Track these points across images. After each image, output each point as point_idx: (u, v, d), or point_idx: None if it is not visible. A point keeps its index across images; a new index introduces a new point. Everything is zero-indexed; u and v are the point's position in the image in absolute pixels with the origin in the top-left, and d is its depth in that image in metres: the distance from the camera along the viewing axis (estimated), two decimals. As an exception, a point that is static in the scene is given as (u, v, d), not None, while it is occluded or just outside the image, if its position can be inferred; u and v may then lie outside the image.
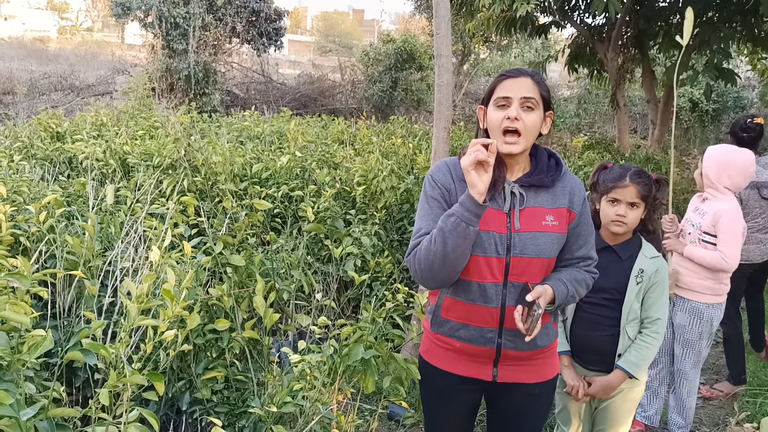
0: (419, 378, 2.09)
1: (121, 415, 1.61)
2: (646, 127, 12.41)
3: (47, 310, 2.53)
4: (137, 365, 1.70)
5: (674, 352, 3.37)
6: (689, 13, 2.92)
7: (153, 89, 10.35)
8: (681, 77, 7.86)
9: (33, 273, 1.94)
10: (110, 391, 1.54)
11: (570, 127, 15.81)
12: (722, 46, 7.19)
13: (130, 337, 1.71)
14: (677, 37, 3.07)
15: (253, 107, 8.60)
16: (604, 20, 8.68)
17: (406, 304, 2.65)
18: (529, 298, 1.77)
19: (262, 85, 15.09)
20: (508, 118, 1.79)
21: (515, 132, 1.80)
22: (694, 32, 7.80)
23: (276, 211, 4.45)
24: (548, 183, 1.88)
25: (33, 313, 1.66)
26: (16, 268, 2.08)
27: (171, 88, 11.55)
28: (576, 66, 9.75)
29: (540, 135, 1.90)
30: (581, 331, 2.50)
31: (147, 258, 2.70)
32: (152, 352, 1.77)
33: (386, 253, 4.22)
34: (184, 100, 10.75)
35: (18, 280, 1.61)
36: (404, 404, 2.50)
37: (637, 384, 2.50)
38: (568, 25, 9.18)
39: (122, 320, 1.76)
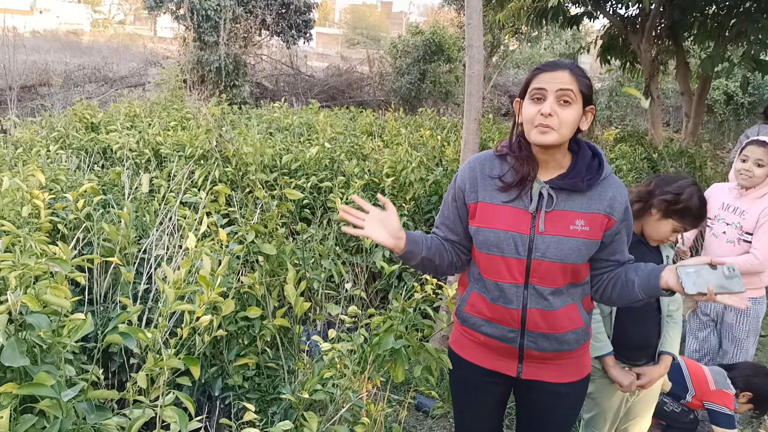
0: (451, 367, 2.09)
1: (156, 399, 1.64)
2: (679, 120, 12.19)
3: (84, 297, 2.60)
4: (173, 350, 1.74)
5: (722, 349, 3.36)
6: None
7: (185, 81, 10.46)
8: (716, 69, 7.69)
9: (71, 259, 1.98)
10: (147, 375, 1.57)
11: (601, 120, 15.60)
12: (759, 36, 7.01)
13: (167, 321, 1.74)
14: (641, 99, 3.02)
15: (282, 99, 8.65)
16: (638, 11, 8.51)
17: (434, 296, 2.65)
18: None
19: (291, 78, 15.16)
20: (542, 114, 1.70)
21: (548, 126, 1.72)
22: (730, 23, 7.64)
23: (305, 202, 4.48)
24: (583, 188, 1.77)
25: (72, 297, 1.70)
26: (55, 254, 2.13)
27: (202, 80, 11.66)
28: (608, 57, 9.60)
29: (579, 131, 1.81)
30: (628, 329, 2.43)
31: (180, 246, 2.74)
32: (187, 338, 1.80)
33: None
34: (214, 92, 10.86)
35: (59, 265, 1.65)
36: (434, 394, 2.50)
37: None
38: (601, 15, 9.02)
39: (158, 305, 1.80)
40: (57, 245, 2.18)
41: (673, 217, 2.34)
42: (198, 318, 1.68)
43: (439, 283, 2.67)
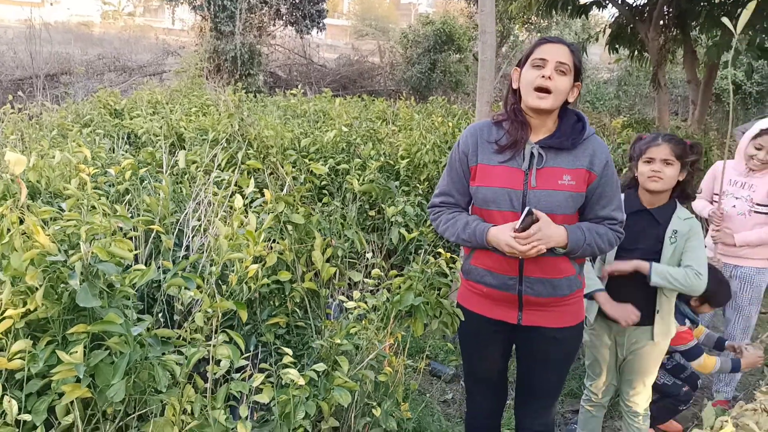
0: (463, 319, 2.31)
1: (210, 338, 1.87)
2: (688, 109, 12.31)
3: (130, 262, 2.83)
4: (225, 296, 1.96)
5: (726, 317, 3.55)
6: (752, 3, 3.00)
7: (202, 70, 10.68)
8: (724, 59, 7.81)
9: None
10: (203, 314, 1.80)
11: (609, 110, 15.72)
12: (765, 25, 7.13)
13: (221, 271, 1.97)
14: (723, 20, 3.15)
15: (297, 87, 8.87)
16: (646, 0, 8.66)
17: (449, 268, 2.85)
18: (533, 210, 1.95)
19: (304, 67, 15.36)
20: (542, 76, 1.98)
21: (546, 90, 1.99)
22: (738, 12, 7.76)
23: (324, 183, 4.70)
24: (568, 146, 2.04)
25: (133, 250, 1.92)
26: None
27: (218, 69, 11.88)
28: (616, 46, 9.73)
29: (567, 103, 2.09)
30: (617, 295, 2.59)
31: (216, 216, 2.97)
32: (235, 287, 2.03)
33: (429, 222, 4.44)
34: (230, 81, 11.07)
35: (123, 222, 1.88)
36: (449, 346, 2.72)
37: (669, 335, 2.67)
38: (610, 5, 9.16)
39: (198, 267, 2.02)
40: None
41: (634, 155, 2.63)
42: (247, 267, 1.90)
43: (453, 256, 2.88)
